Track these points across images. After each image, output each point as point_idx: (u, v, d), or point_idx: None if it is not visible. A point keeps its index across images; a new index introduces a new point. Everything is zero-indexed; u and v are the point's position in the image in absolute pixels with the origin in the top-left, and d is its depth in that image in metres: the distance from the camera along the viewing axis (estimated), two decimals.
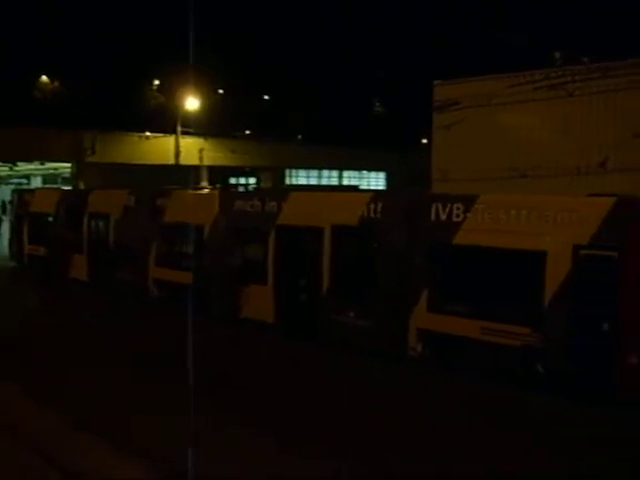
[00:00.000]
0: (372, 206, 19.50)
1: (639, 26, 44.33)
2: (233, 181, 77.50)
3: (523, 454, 12.59)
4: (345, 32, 70.32)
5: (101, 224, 29.38)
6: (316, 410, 14.74)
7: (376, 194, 21.01)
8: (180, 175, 49.06)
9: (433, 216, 18.15)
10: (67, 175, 63.39)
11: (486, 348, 16.90)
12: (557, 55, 36.67)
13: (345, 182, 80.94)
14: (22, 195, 37.33)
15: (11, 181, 69.52)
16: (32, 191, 40.88)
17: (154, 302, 26.03)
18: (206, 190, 31.23)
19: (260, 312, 22.19)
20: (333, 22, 69.80)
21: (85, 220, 30.19)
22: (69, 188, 52.31)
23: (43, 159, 60.02)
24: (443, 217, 17.97)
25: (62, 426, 13.64)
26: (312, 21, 70.40)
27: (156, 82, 68.99)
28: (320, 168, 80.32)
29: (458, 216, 17.69)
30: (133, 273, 27.15)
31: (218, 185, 45.50)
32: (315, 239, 20.70)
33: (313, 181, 79.45)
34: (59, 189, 42.13)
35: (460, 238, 17.60)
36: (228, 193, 25.32)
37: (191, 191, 26.64)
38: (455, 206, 17.77)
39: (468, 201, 17.68)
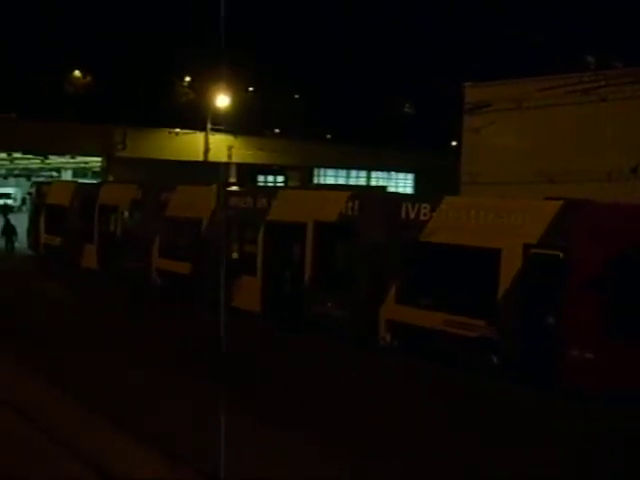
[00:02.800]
0: (350, 204, 20.74)
1: None
2: (261, 179, 78.20)
3: (522, 451, 12.77)
4: (376, 32, 71.13)
5: (110, 216, 30.78)
6: (304, 400, 15.11)
7: (353, 193, 22.08)
8: (209, 172, 49.62)
9: (403, 214, 19.32)
10: (97, 169, 64.73)
11: (448, 339, 18.00)
12: (590, 59, 36.76)
13: (373, 183, 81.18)
14: (40, 187, 38.89)
15: (42, 174, 70.93)
16: (49, 184, 42.31)
17: (156, 290, 27.28)
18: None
19: (248, 302, 23.36)
20: (362, 21, 70.56)
21: (96, 212, 31.57)
22: (85, 181, 53.38)
23: (74, 153, 61.32)
24: (412, 216, 19.12)
25: (78, 409, 14.10)
26: (342, 21, 71.37)
27: (187, 79, 70.40)
28: (349, 168, 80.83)
29: (425, 215, 18.84)
30: (138, 263, 28.47)
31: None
32: (299, 234, 21.94)
33: (341, 181, 79.48)
34: (75, 182, 43.46)
35: (426, 236, 18.73)
36: (224, 190, 26.45)
37: (192, 187, 27.76)
38: (423, 206, 18.94)
39: (434, 202, 18.88)
